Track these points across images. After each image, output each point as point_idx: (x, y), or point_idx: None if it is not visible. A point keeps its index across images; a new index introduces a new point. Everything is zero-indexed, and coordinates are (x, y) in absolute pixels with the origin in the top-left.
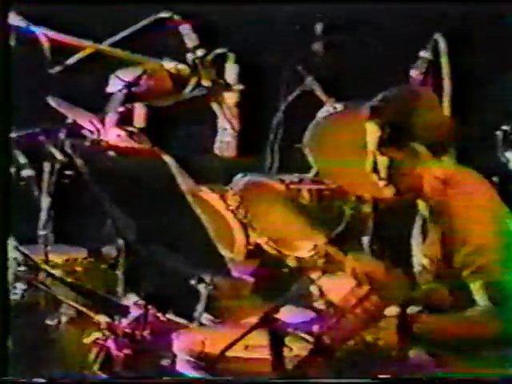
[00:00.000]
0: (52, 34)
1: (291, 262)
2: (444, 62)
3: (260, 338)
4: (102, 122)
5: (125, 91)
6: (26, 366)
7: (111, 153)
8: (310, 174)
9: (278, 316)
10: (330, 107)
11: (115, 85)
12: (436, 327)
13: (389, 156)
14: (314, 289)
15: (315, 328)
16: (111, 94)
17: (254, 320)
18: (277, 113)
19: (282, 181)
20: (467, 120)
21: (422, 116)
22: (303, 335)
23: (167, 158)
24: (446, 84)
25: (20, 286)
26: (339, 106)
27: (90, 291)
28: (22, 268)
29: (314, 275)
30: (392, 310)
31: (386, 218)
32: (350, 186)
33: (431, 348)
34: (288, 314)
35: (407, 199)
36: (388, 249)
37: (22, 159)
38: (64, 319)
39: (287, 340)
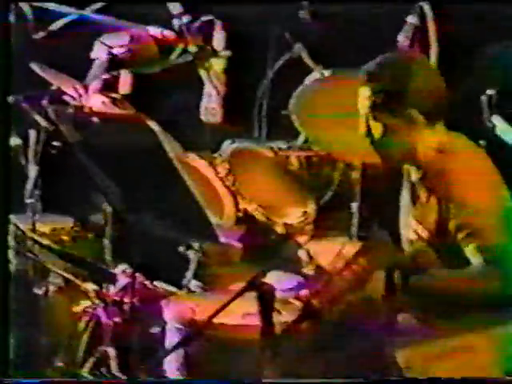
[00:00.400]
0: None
1: (280, 229)
2: (430, 27)
3: (249, 304)
4: (86, 88)
5: (109, 57)
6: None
7: (95, 119)
8: (299, 141)
9: (265, 281)
10: (317, 74)
11: (99, 50)
12: (424, 287)
13: (383, 122)
14: (301, 253)
15: (303, 292)
16: (95, 60)
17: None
18: (264, 80)
19: (271, 148)
20: (453, 86)
21: (417, 82)
22: (292, 299)
23: (152, 124)
24: (433, 50)
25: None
26: (327, 73)
27: (77, 259)
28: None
29: (301, 239)
30: (379, 273)
31: (374, 183)
32: (339, 152)
33: (418, 311)
34: (276, 279)
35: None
36: (377, 214)
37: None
38: (52, 288)
39: (276, 305)
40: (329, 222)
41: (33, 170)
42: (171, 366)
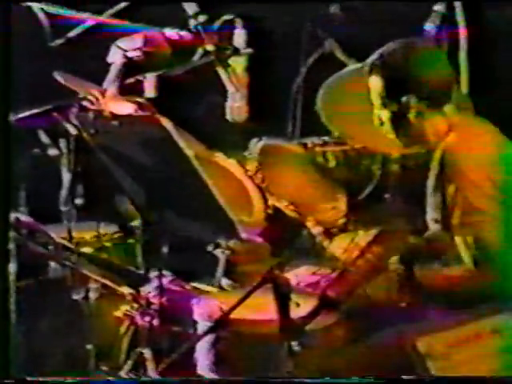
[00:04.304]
0: (51, 9)
1: (311, 224)
2: (459, 15)
3: (266, 298)
4: (104, 92)
5: (124, 60)
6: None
7: (114, 123)
8: (332, 137)
9: (282, 273)
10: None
11: (115, 54)
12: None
13: (390, 109)
14: (316, 243)
15: (320, 282)
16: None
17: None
18: (297, 77)
19: (305, 144)
20: (483, 75)
21: (422, 68)
22: (308, 290)
23: (168, 125)
24: (462, 38)
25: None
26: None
27: (111, 264)
28: (51, 247)
29: (315, 230)
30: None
31: (414, 174)
32: (363, 142)
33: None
34: (294, 272)
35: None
36: (407, 206)
37: (45, 139)
38: (92, 294)
39: (293, 296)
40: (362, 217)
41: (67, 178)
42: (203, 365)
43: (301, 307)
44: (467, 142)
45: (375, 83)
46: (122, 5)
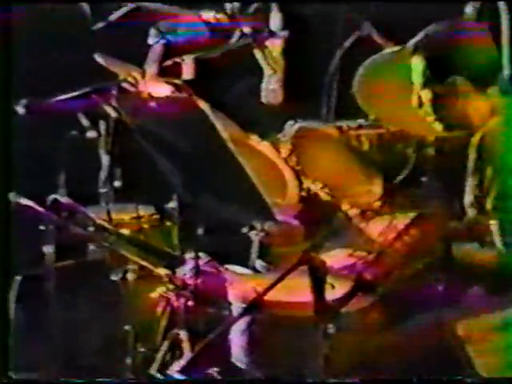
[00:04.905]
0: None
1: (346, 207)
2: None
3: (301, 280)
4: (143, 74)
5: (163, 42)
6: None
7: (152, 104)
8: (368, 120)
9: (318, 255)
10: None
11: (154, 37)
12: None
13: (431, 90)
14: (352, 226)
15: (356, 265)
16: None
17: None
18: (333, 59)
19: (340, 127)
20: None
21: (466, 49)
22: (344, 272)
23: (205, 107)
24: (504, 20)
25: (91, 247)
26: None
27: (148, 246)
28: (91, 228)
29: (351, 212)
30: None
31: (449, 158)
32: (398, 122)
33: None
34: (329, 254)
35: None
36: (443, 190)
37: (85, 121)
38: (130, 276)
39: (329, 278)
40: (398, 199)
41: (105, 160)
42: (237, 347)
43: (336, 289)
44: (508, 127)
45: (418, 63)
46: None
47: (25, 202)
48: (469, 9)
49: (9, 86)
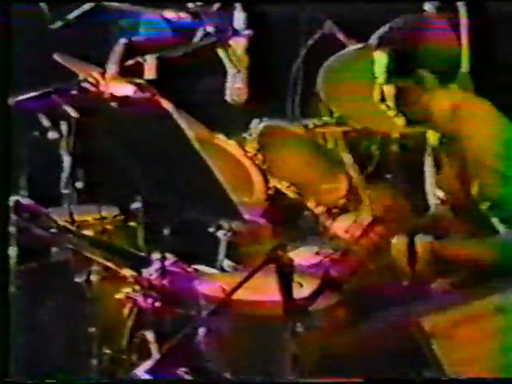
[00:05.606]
0: None
1: (312, 205)
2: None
3: (269, 279)
4: (104, 74)
5: (124, 41)
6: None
7: (113, 104)
8: (333, 118)
9: (285, 254)
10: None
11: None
12: (448, 254)
13: (395, 84)
14: (318, 223)
15: (322, 262)
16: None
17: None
18: (297, 58)
19: (305, 125)
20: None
21: (429, 44)
22: (311, 270)
23: (169, 107)
24: (462, 16)
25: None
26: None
27: (113, 247)
28: (54, 230)
29: (317, 210)
30: (400, 240)
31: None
32: (361, 120)
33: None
34: (296, 252)
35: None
36: (407, 184)
37: (46, 122)
38: (94, 277)
39: (296, 277)
40: (363, 196)
41: (67, 161)
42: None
43: (304, 288)
44: (469, 122)
45: (381, 57)
46: None
47: None
48: (428, 6)
49: None
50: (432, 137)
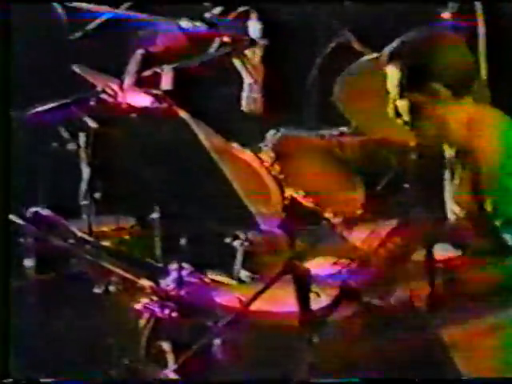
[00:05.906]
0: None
1: (329, 215)
2: (477, 3)
3: (286, 289)
4: (121, 85)
5: (141, 52)
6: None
7: (133, 115)
8: (350, 127)
9: (302, 264)
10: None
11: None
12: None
13: (409, 99)
14: (336, 234)
15: (340, 273)
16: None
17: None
18: (313, 67)
19: (322, 135)
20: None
21: (442, 57)
22: (329, 281)
23: (186, 116)
24: (480, 26)
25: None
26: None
27: (131, 257)
28: (72, 241)
29: (334, 220)
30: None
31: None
32: (378, 129)
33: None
34: (314, 263)
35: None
36: (426, 196)
37: (65, 133)
38: (112, 288)
39: (314, 287)
40: (380, 207)
41: (86, 172)
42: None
43: (321, 298)
44: (483, 136)
45: (393, 72)
46: None
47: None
48: (446, 13)
49: None
50: (448, 150)
